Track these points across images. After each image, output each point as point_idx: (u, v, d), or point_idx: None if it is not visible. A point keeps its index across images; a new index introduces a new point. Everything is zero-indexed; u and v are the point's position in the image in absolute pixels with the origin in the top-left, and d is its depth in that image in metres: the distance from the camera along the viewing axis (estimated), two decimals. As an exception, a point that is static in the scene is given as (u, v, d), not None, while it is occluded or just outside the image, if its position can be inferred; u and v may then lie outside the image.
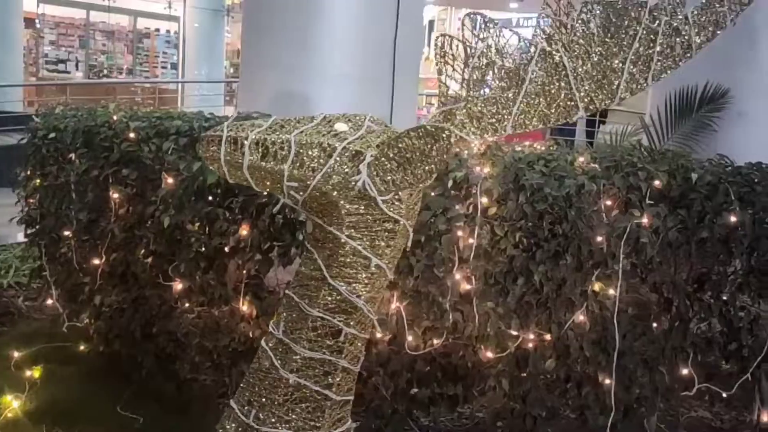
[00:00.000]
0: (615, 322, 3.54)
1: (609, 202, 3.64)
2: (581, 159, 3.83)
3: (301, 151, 1.66)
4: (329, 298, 1.62)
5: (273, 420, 1.57)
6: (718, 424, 4.93)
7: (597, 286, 3.57)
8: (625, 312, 3.61)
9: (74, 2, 18.62)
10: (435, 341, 3.75)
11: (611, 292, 3.55)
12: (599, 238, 3.50)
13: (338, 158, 1.66)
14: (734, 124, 6.23)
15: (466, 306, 3.69)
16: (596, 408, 3.70)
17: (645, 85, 2.10)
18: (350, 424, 1.69)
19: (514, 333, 3.62)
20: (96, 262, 4.33)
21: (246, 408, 1.61)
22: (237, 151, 1.70)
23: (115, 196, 4.17)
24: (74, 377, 4.80)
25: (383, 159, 1.61)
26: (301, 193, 1.73)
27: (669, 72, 2.06)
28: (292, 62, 5.39)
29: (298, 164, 1.70)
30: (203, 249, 3.91)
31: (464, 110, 1.91)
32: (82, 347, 5.00)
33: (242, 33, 6.10)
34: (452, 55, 1.90)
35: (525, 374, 3.74)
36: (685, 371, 3.76)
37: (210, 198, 3.89)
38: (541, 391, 3.85)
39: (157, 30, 20.34)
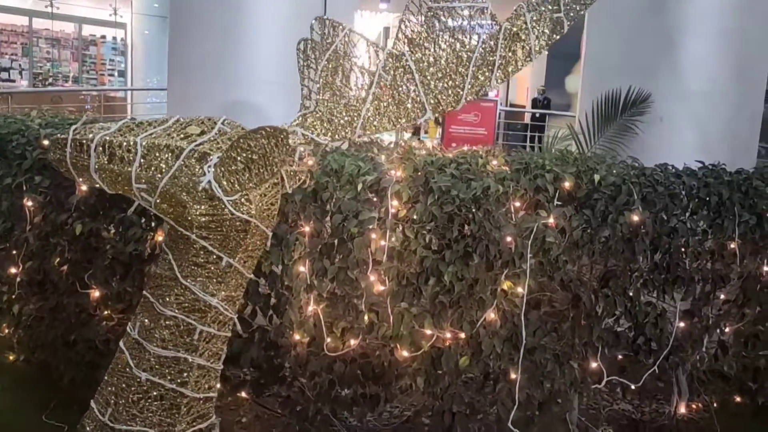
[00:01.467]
0: (523, 319, 3.63)
1: (518, 204, 3.74)
2: (494, 162, 3.92)
3: (149, 153, 1.68)
4: (182, 298, 1.64)
5: (127, 418, 1.59)
6: (639, 416, 5.08)
7: (506, 285, 3.66)
8: (534, 309, 3.70)
9: (16, 9, 18.18)
10: (352, 342, 3.79)
11: (519, 290, 3.63)
12: (507, 239, 3.59)
13: (185, 160, 1.68)
14: (655, 128, 6.44)
15: (381, 307, 3.74)
16: (509, 403, 3.78)
17: (489, 87, 2.16)
18: (214, 419, 1.71)
19: (428, 332, 3.68)
20: (13, 270, 4.24)
21: (104, 407, 1.62)
22: (83, 153, 1.70)
23: (29, 204, 4.11)
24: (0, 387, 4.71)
25: (229, 160, 1.64)
26: (152, 195, 1.75)
27: (512, 75, 2.13)
28: (218, 70, 5.38)
29: (146, 166, 1.71)
30: (119, 256, 3.88)
31: (316, 112, 1.93)
32: (9, 357, 4.91)
33: (169, 38, 6.06)
34: (312, 58, 1.93)
35: (441, 372, 3.80)
36: (594, 365, 3.86)
37: (124, 205, 3.87)
38: (459, 388, 3.92)
39: (104, 37, 19.99)
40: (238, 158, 1.65)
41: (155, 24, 18.82)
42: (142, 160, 1.70)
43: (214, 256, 1.64)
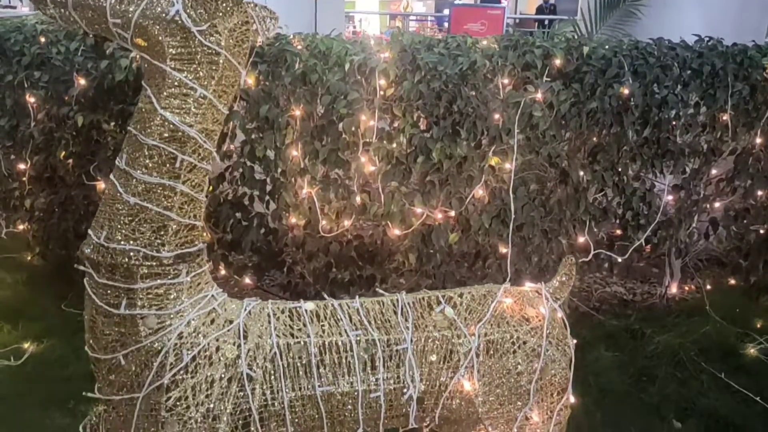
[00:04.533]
0: (511, 194, 3.61)
1: (506, 80, 3.64)
2: (484, 42, 3.80)
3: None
4: (162, 129, 1.67)
5: (120, 238, 1.65)
6: (630, 297, 5.12)
7: (494, 161, 3.61)
8: (522, 185, 3.67)
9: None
10: (346, 222, 3.82)
11: (507, 166, 3.59)
12: (495, 115, 3.52)
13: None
14: (659, 10, 6.15)
15: (372, 187, 3.74)
16: (500, 278, 3.81)
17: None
18: (201, 246, 1.76)
19: (419, 210, 3.69)
20: (22, 166, 4.30)
21: (99, 231, 1.68)
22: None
23: (32, 100, 4.11)
24: (19, 283, 4.88)
25: (198, -11, 1.64)
26: (127, 31, 1.74)
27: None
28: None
29: (119, 0, 1.72)
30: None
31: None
32: (27, 257, 5.06)
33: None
34: None
35: (433, 250, 3.83)
36: (581, 239, 3.85)
37: (121, 96, 3.86)
38: (451, 266, 3.96)
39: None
40: None
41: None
42: (115, -6, 1.70)
43: (189, 88, 1.66)
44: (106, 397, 1.75)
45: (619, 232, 4.11)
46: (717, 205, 4.23)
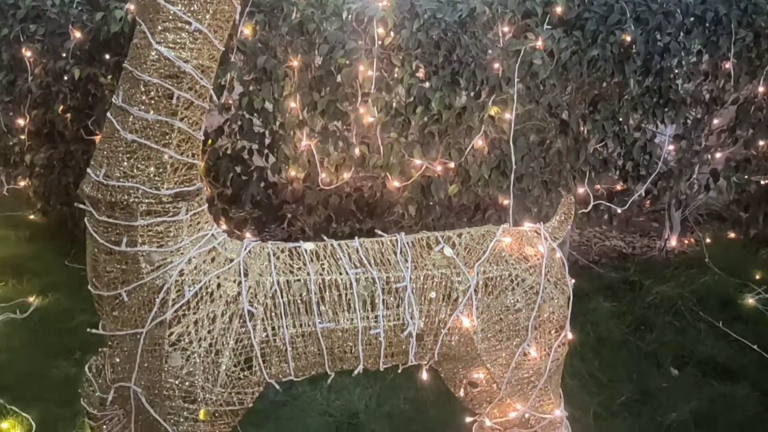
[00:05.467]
0: (511, 144, 3.59)
1: (506, 28, 3.59)
2: (483, -9, 3.73)
3: None
4: (158, 64, 1.65)
5: (119, 176, 1.65)
6: (630, 250, 5.14)
7: (493, 111, 3.59)
8: (522, 135, 3.65)
9: None
10: (345, 175, 3.81)
11: (507, 116, 3.57)
12: (495, 64, 3.48)
13: None
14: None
15: (371, 139, 3.73)
16: (499, 229, 3.81)
17: None
18: (200, 185, 1.76)
19: (418, 162, 3.67)
20: (21, 122, 4.28)
21: (98, 169, 1.68)
22: None
23: (28, 54, 4.07)
24: (22, 240, 4.90)
25: None
26: None
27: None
28: None
29: None
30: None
31: None
32: (29, 215, 5.08)
33: None
34: None
35: (432, 203, 3.83)
36: (581, 190, 3.84)
37: (117, 48, 3.81)
38: (451, 218, 3.96)
39: None
40: None
41: None
42: None
43: (183, 22, 1.64)
44: (110, 333, 1.78)
45: (619, 188, 4.11)
46: (718, 155, 4.21)
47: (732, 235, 5.02)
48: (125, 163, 1.67)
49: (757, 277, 4.39)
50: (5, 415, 3.06)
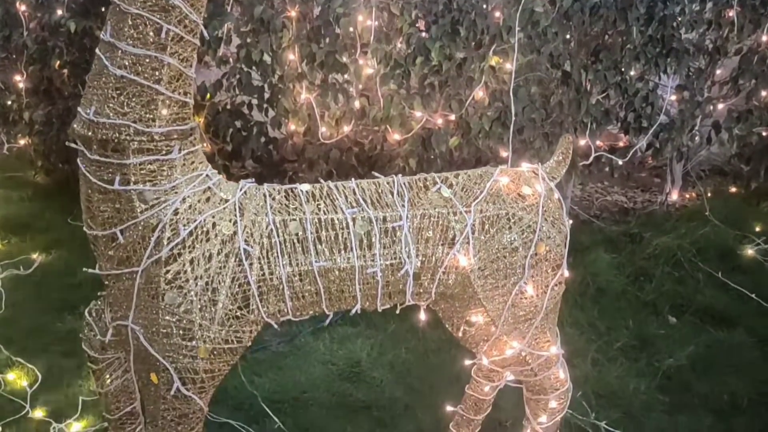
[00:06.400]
0: (512, 95, 3.53)
1: (507, -24, 3.50)
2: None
3: None
4: None
5: (109, 112, 1.61)
6: (631, 205, 5.11)
7: (494, 61, 3.52)
8: (523, 86, 3.58)
9: None
10: (345, 128, 3.77)
11: (508, 66, 3.50)
12: (495, 12, 3.41)
13: None
14: None
15: (371, 91, 3.67)
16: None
17: None
18: (193, 123, 1.73)
19: (418, 114, 3.62)
20: (18, 78, 4.23)
21: (87, 107, 1.64)
22: None
23: (23, 8, 4.00)
24: (25, 199, 4.88)
25: None
26: None
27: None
28: None
29: None
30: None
31: None
32: (31, 175, 5.05)
33: None
34: None
35: (433, 156, 3.78)
36: (582, 142, 3.80)
37: None
38: (452, 172, 3.92)
39: None
40: None
41: None
42: None
43: None
44: (107, 273, 1.77)
45: (621, 144, 4.05)
46: (720, 107, 4.15)
47: (733, 189, 4.98)
48: (115, 100, 1.63)
49: (757, 229, 4.37)
50: (11, 367, 3.09)
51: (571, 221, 2.01)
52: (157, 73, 1.63)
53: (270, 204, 1.82)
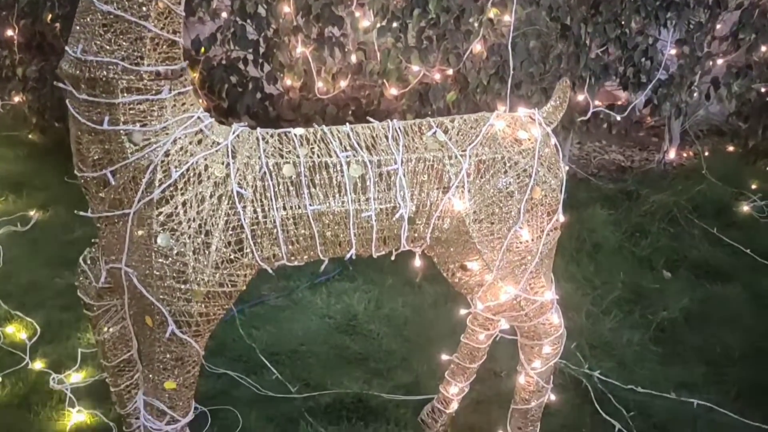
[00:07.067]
0: (510, 49, 3.46)
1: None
2: None
3: None
4: None
5: (96, 50, 1.56)
6: (629, 164, 5.07)
7: (493, 13, 3.44)
8: (521, 40, 3.51)
9: None
10: (342, 83, 3.71)
11: (507, 18, 3.42)
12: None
13: None
14: None
15: (368, 45, 3.60)
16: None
17: None
18: (183, 64, 1.68)
19: (415, 68, 3.56)
20: (9, 33, 4.14)
21: (75, 46, 1.59)
22: None
23: (13, -41, 3.90)
24: (20, 158, 4.84)
25: None
26: None
27: None
28: None
29: None
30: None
31: None
32: (27, 134, 5.00)
33: None
34: None
35: (430, 112, 3.73)
36: (581, 97, 3.74)
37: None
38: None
39: None
40: None
41: None
42: None
43: None
44: (98, 215, 1.74)
45: (620, 103, 3.99)
46: (720, 62, 4.08)
47: (731, 148, 4.94)
48: (102, 37, 1.58)
49: (754, 186, 4.35)
50: (10, 320, 3.09)
51: (567, 168, 1.98)
52: (144, 8, 1.57)
53: (263, 147, 1.78)
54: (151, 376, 1.82)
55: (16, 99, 4.56)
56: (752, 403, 2.69)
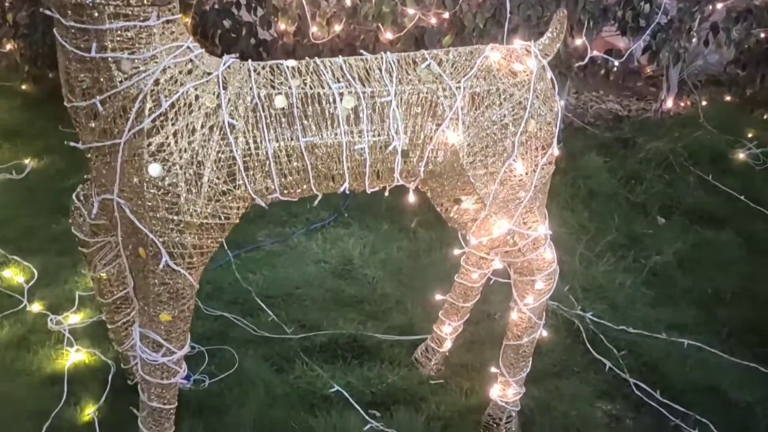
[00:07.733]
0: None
1: None
2: None
3: None
4: None
5: None
6: (625, 113, 5.02)
7: (489, -46, 3.35)
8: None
9: None
10: (337, 27, 3.63)
11: (504, -41, 3.33)
12: None
13: None
14: None
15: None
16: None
17: None
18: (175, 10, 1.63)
19: (411, 11, 3.48)
20: (-3, -23, 4.04)
21: None
22: None
23: None
24: (14, 108, 4.77)
25: None
26: None
27: None
28: None
29: None
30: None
31: None
32: (20, 85, 4.92)
33: None
34: None
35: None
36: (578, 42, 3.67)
37: None
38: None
39: None
40: None
41: None
42: None
43: None
44: (88, 146, 1.72)
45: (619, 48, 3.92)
46: (719, 6, 4.00)
47: (728, 98, 4.89)
48: None
49: (750, 134, 4.31)
50: (7, 264, 3.09)
51: (563, 102, 1.95)
52: None
53: (254, 78, 1.74)
54: (146, 308, 1.82)
55: (8, 47, 4.47)
56: (742, 343, 2.72)
